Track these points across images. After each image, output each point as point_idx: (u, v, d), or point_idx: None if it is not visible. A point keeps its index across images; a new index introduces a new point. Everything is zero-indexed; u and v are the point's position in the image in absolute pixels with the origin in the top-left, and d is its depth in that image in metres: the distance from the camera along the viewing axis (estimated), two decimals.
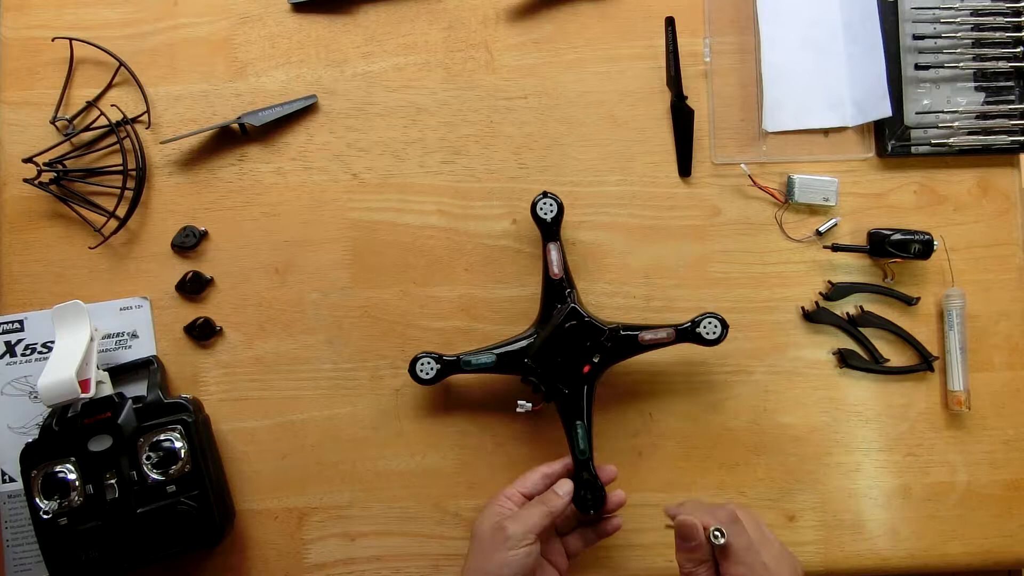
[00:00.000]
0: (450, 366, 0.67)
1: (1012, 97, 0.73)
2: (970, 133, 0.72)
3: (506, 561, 0.58)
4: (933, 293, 0.73)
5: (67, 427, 0.64)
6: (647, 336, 0.67)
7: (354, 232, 0.73)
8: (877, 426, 0.73)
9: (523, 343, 0.67)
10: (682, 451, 0.72)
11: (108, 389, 0.67)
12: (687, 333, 0.67)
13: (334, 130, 0.74)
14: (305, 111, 0.74)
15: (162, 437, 0.65)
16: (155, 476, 0.65)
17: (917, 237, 0.71)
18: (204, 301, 0.72)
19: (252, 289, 0.73)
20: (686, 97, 0.73)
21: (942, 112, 0.72)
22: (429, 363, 0.67)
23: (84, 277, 0.72)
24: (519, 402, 0.67)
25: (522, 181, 0.74)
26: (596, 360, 0.65)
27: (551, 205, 0.67)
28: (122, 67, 0.73)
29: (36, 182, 0.71)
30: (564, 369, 0.65)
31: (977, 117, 0.73)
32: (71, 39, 0.72)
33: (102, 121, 0.72)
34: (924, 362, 0.72)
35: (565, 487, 0.63)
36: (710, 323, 0.67)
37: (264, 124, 0.72)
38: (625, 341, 0.67)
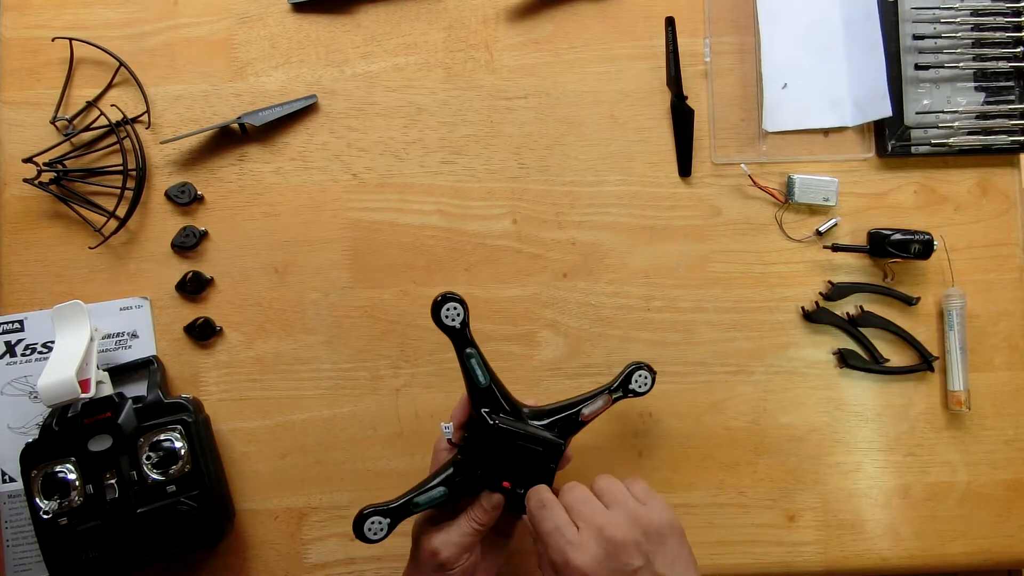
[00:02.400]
0: (399, 513, 0.59)
1: (1012, 97, 0.73)
2: (970, 133, 0.72)
3: None
4: (933, 293, 0.73)
5: (67, 427, 0.64)
6: (587, 411, 0.62)
7: (354, 232, 0.73)
8: (877, 426, 0.73)
9: (455, 466, 0.60)
10: (682, 451, 0.72)
11: (108, 389, 0.67)
12: (619, 393, 0.64)
13: (334, 130, 0.74)
14: (305, 111, 0.74)
15: (162, 437, 0.65)
16: (155, 476, 0.65)
17: (917, 237, 0.71)
18: (204, 301, 0.72)
19: (252, 289, 0.73)
20: (686, 97, 0.73)
21: (942, 112, 0.72)
22: (378, 522, 0.59)
23: (84, 277, 0.72)
24: (442, 424, 0.62)
25: (522, 181, 0.74)
26: (553, 466, 0.60)
27: (457, 311, 0.60)
28: (122, 67, 0.73)
29: (36, 182, 0.71)
30: (521, 474, 0.60)
31: (977, 117, 0.73)
32: (71, 39, 0.72)
33: (102, 121, 0.72)
34: (924, 362, 0.72)
35: (492, 501, 0.59)
36: (640, 376, 0.64)
37: (264, 124, 0.72)
38: (568, 424, 0.62)
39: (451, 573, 0.57)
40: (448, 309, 0.59)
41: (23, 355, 0.71)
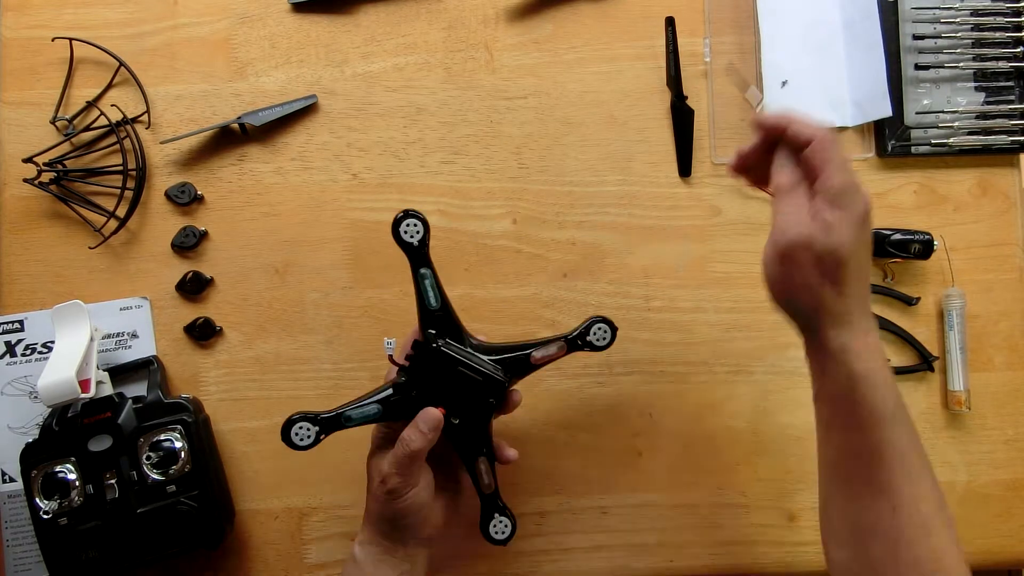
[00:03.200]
0: (330, 424, 0.58)
1: (1012, 97, 0.73)
2: (970, 133, 0.72)
3: (395, 509, 0.56)
4: (933, 293, 0.73)
5: (67, 427, 0.64)
6: (538, 355, 0.61)
7: (354, 232, 0.73)
8: None
9: (397, 385, 0.59)
10: (682, 451, 0.72)
11: (108, 389, 0.67)
12: (576, 343, 0.62)
13: (334, 130, 0.74)
14: (305, 111, 0.74)
15: (162, 437, 0.65)
16: (155, 476, 0.65)
17: (917, 237, 0.71)
18: (204, 301, 0.72)
19: (252, 289, 0.73)
20: (686, 97, 0.73)
21: (942, 112, 0.72)
22: (306, 428, 0.58)
23: (84, 277, 0.72)
24: (385, 340, 0.59)
25: (522, 181, 0.74)
26: (492, 402, 0.59)
27: (416, 227, 0.58)
28: (122, 67, 0.73)
29: (36, 182, 0.71)
30: (460, 405, 0.59)
31: (977, 117, 0.73)
32: (71, 39, 0.72)
33: (102, 121, 0.72)
34: (924, 362, 0.72)
35: (429, 422, 0.57)
36: (599, 329, 0.62)
37: (264, 124, 0.72)
38: (517, 364, 0.61)
39: (400, 502, 0.56)
40: (408, 225, 0.58)
41: (23, 355, 0.71)
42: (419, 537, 0.59)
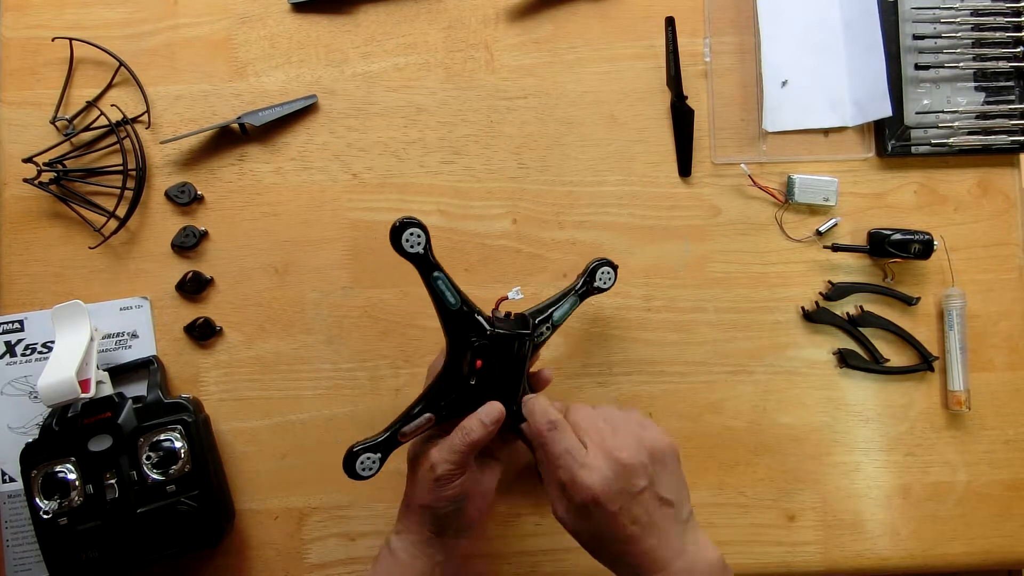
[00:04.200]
0: (388, 446, 0.59)
1: (1012, 97, 0.73)
2: (970, 133, 0.72)
3: (441, 498, 0.57)
4: (933, 293, 0.73)
5: (67, 427, 0.64)
6: (557, 315, 0.64)
7: (354, 232, 0.73)
8: (877, 426, 0.73)
9: (448, 388, 0.60)
10: (682, 451, 0.72)
11: (108, 389, 0.67)
12: (586, 289, 0.65)
13: (334, 130, 0.74)
14: (305, 111, 0.74)
15: (162, 437, 0.65)
16: (155, 476, 0.65)
17: (917, 237, 0.71)
18: (204, 301, 0.72)
19: (252, 289, 0.73)
20: (686, 97, 0.73)
21: (942, 112, 0.72)
22: (369, 458, 0.58)
23: (84, 277, 0.72)
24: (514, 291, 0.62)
25: (522, 181, 0.74)
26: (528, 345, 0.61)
27: (417, 235, 0.57)
28: (122, 67, 0.73)
29: (36, 182, 0.71)
30: (506, 388, 0.60)
31: (977, 117, 0.73)
32: (71, 39, 0.72)
33: (102, 121, 0.72)
34: (924, 362, 0.72)
35: (492, 414, 0.58)
36: (604, 271, 0.65)
37: (264, 124, 0.72)
38: (543, 324, 0.63)
39: (447, 489, 0.57)
40: (409, 235, 0.57)
41: (23, 355, 0.71)
42: (457, 527, 0.59)
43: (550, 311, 0.63)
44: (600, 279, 0.65)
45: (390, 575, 0.58)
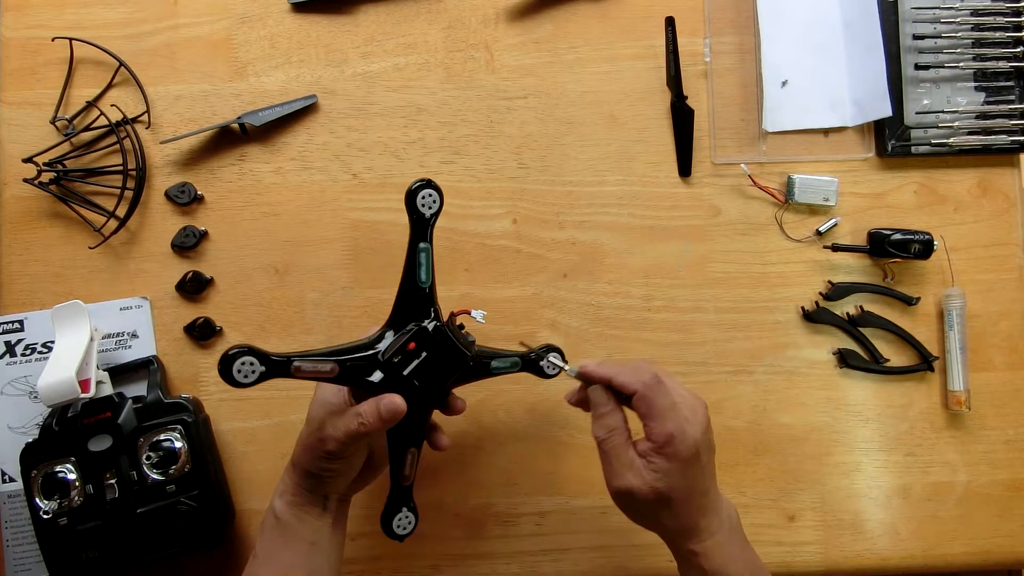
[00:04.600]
0: (275, 367, 0.53)
1: (1012, 97, 0.73)
2: (970, 133, 0.72)
3: (324, 468, 0.56)
4: (933, 293, 0.73)
5: (67, 427, 0.64)
6: (495, 365, 0.62)
7: (354, 232, 0.73)
8: (877, 426, 0.73)
9: (367, 352, 0.56)
10: None
11: (108, 389, 0.67)
12: (531, 367, 0.63)
13: (334, 130, 0.74)
14: (305, 111, 0.74)
15: (162, 437, 0.65)
16: (155, 476, 0.65)
17: (917, 237, 0.71)
18: (204, 301, 0.72)
19: (252, 289, 0.73)
20: (686, 97, 0.73)
21: (942, 112, 0.72)
22: (250, 364, 0.51)
23: (84, 277, 0.72)
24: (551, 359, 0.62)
25: (522, 181, 0.74)
26: (452, 381, 0.59)
27: (433, 198, 0.57)
28: (122, 67, 0.73)
29: (36, 182, 0.71)
30: (417, 391, 0.57)
31: (977, 117, 0.73)
32: (71, 39, 0.72)
33: (102, 121, 0.72)
34: (924, 362, 0.72)
35: (391, 409, 0.54)
36: (555, 357, 0.63)
37: (264, 124, 0.72)
38: (479, 368, 0.61)
39: (332, 465, 0.56)
40: (426, 196, 0.56)
41: (23, 355, 0.71)
42: (339, 492, 0.58)
43: (491, 359, 0.61)
44: (547, 363, 0.63)
45: (280, 541, 0.56)
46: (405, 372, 0.56)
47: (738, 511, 0.57)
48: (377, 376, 0.55)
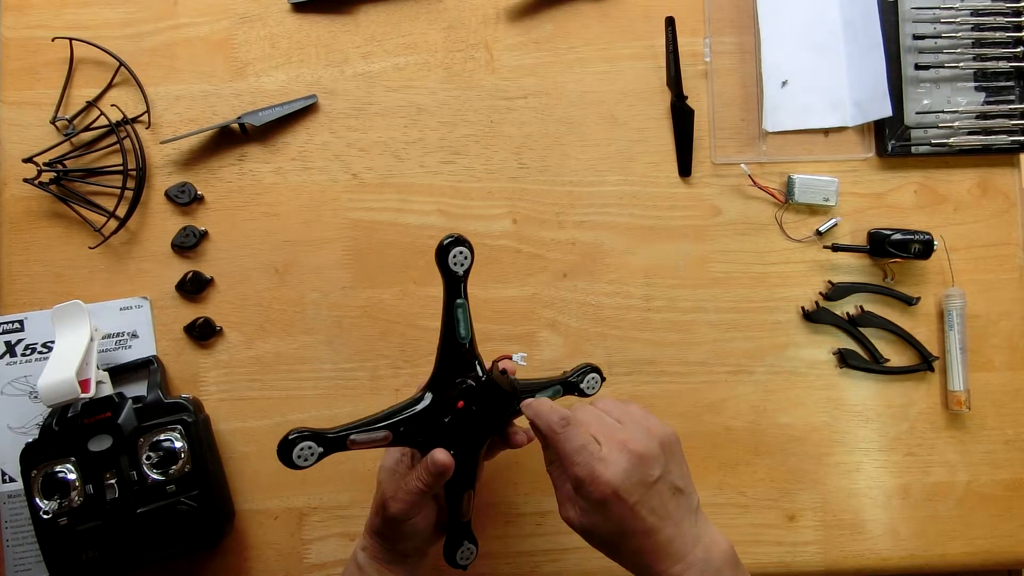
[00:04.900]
0: (333, 445, 0.55)
1: (1012, 97, 0.73)
2: (970, 133, 0.72)
3: (399, 533, 0.57)
4: (933, 293, 0.73)
5: (67, 427, 0.64)
6: (540, 395, 0.61)
7: (354, 232, 0.73)
8: (877, 426, 0.73)
9: (414, 410, 0.57)
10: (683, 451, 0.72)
11: (108, 389, 0.67)
12: (572, 389, 0.63)
13: (334, 130, 0.74)
14: (305, 111, 0.74)
15: (162, 437, 0.65)
16: (155, 476, 0.65)
17: (917, 237, 0.71)
18: (204, 301, 0.72)
19: (252, 289, 0.73)
20: (686, 97, 0.73)
21: (942, 112, 0.72)
22: (309, 448, 0.54)
23: (84, 277, 0.72)
24: (521, 355, 0.61)
25: (522, 181, 0.74)
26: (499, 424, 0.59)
27: (464, 255, 0.56)
28: (122, 67, 0.73)
29: (36, 182, 0.71)
30: (468, 441, 0.58)
31: (977, 117, 0.73)
32: (71, 39, 0.72)
33: (102, 121, 0.72)
34: (924, 362, 0.72)
35: (438, 464, 0.55)
36: (592, 378, 0.63)
37: (264, 124, 0.72)
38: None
39: (401, 527, 0.57)
40: (457, 254, 0.56)
41: (23, 355, 0.71)
42: (415, 551, 0.60)
43: (535, 392, 0.61)
44: (587, 383, 0.63)
45: None
46: (455, 427, 0.57)
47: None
48: (428, 435, 0.57)
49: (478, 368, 0.58)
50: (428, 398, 0.57)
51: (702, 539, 0.52)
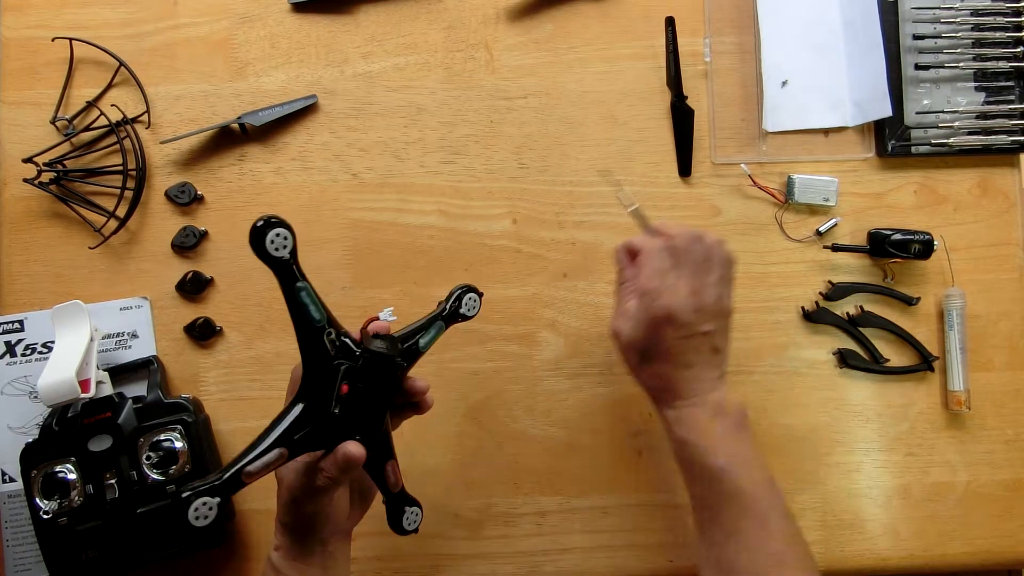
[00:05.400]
0: (229, 488, 0.50)
1: (1012, 97, 0.73)
2: (970, 133, 0.72)
3: (309, 520, 0.55)
4: (933, 293, 0.73)
5: (67, 427, 0.64)
6: (423, 342, 0.58)
7: (354, 232, 0.73)
8: (877, 426, 0.73)
9: (295, 414, 0.53)
10: None
11: (108, 389, 0.67)
12: (452, 318, 0.60)
13: (334, 130, 0.74)
14: (305, 111, 0.74)
15: (162, 437, 0.65)
16: (155, 476, 0.65)
17: (917, 237, 0.71)
18: (204, 301, 0.72)
19: (252, 289, 0.73)
20: (686, 97, 0.73)
21: (942, 112, 0.72)
22: (206, 504, 0.48)
23: (84, 277, 0.72)
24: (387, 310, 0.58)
25: (522, 181, 0.74)
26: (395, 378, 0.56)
27: (284, 236, 0.49)
28: (122, 67, 0.73)
29: (36, 182, 0.71)
30: (368, 420, 0.54)
31: (977, 117, 0.73)
32: (71, 39, 0.72)
33: (102, 121, 0.72)
34: (924, 362, 0.72)
35: (349, 460, 0.52)
36: (470, 298, 0.60)
37: (264, 124, 0.72)
38: (410, 352, 0.57)
39: (314, 520, 0.55)
40: (275, 236, 0.49)
41: (23, 355, 0.71)
42: (331, 533, 0.57)
43: (416, 337, 0.58)
44: (466, 305, 0.60)
45: None
46: (349, 413, 0.53)
47: (746, 410, 0.58)
48: (326, 433, 0.53)
49: (350, 343, 0.54)
50: (304, 400, 0.53)
51: (719, 390, 0.57)
